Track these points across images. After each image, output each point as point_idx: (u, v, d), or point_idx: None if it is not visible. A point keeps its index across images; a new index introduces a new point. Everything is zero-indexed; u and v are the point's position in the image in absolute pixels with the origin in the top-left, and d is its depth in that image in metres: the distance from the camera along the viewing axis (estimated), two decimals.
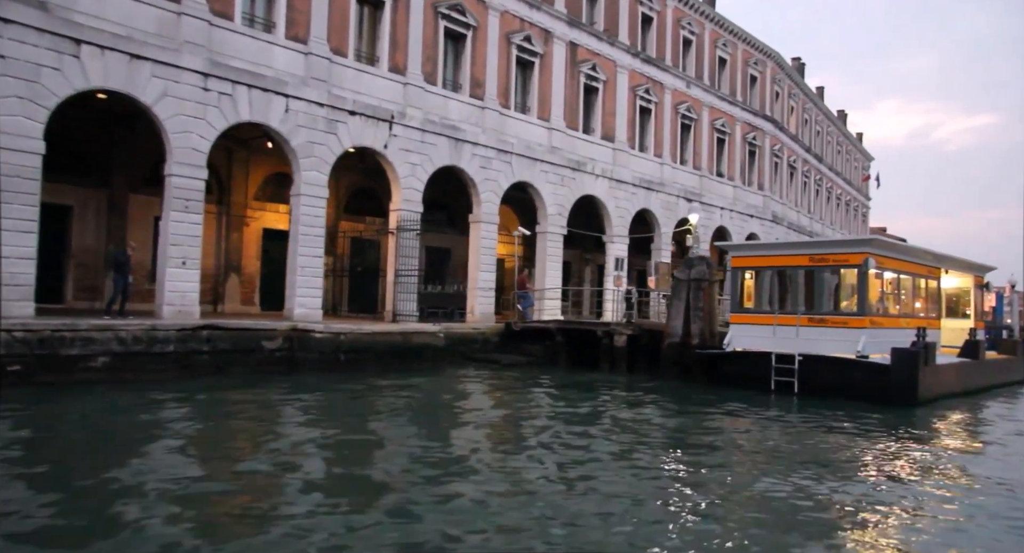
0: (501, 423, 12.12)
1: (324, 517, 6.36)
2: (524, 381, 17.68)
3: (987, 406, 16.25)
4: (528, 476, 8.06)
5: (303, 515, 6.35)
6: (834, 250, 16.12)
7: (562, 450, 9.63)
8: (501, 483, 7.75)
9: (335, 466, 8.39)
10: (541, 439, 10.40)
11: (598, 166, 27.35)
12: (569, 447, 9.84)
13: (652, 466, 9.00)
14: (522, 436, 10.81)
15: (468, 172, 22.47)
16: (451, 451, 9.43)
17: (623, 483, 7.98)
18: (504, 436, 10.95)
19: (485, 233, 23.11)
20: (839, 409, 14.13)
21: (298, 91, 17.91)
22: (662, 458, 9.60)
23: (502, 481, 7.84)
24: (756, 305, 17.64)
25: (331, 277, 23.81)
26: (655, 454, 9.84)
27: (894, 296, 17.30)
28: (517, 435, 10.94)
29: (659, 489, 7.83)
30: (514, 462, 8.83)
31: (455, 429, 11.34)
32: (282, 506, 6.71)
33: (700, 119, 33.22)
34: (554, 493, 7.42)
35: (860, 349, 15.35)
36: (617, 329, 20.39)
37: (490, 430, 11.37)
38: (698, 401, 15.14)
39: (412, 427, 11.20)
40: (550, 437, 10.54)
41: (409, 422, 11.72)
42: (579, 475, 8.26)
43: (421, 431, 10.78)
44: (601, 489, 7.65)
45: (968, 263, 20.70)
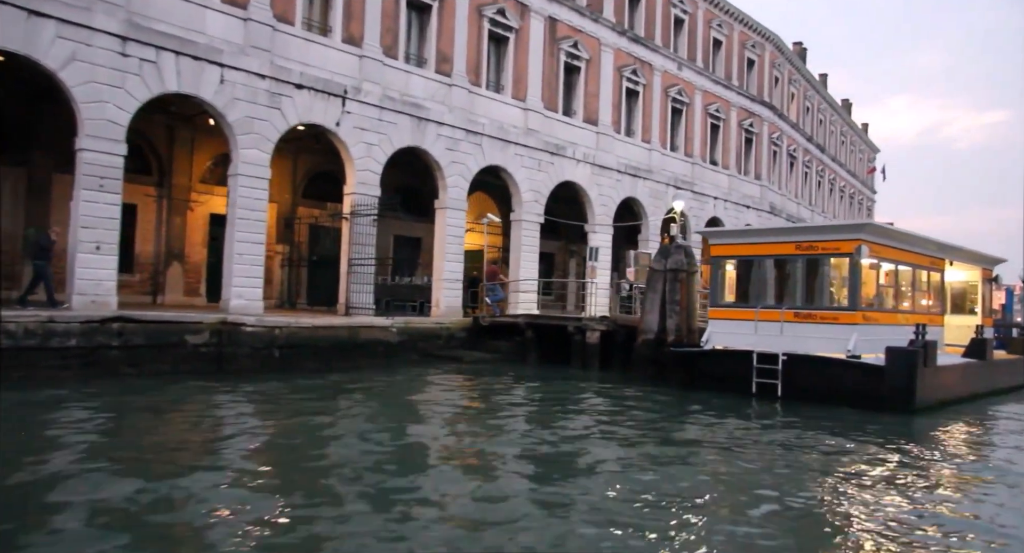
0: (401, 443, 10.45)
1: None
2: (479, 382, 16.03)
3: (995, 413, 14.52)
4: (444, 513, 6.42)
5: None
6: (823, 237, 14.39)
7: (468, 485, 7.98)
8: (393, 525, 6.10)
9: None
10: (441, 474, 8.74)
11: (579, 151, 25.63)
12: (487, 476, 8.18)
13: (583, 505, 7.34)
14: (419, 465, 9.15)
15: (432, 154, 20.80)
16: (325, 484, 7.77)
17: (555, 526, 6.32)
18: (397, 461, 9.30)
19: (452, 220, 21.44)
20: (826, 418, 12.43)
21: (235, 60, 16.25)
22: (593, 494, 7.93)
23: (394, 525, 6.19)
24: (737, 298, 15.93)
25: (287, 267, 22.24)
26: (584, 490, 8.17)
27: (891, 289, 15.57)
28: (414, 464, 9.27)
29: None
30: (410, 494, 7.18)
31: (341, 448, 9.69)
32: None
33: (692, 103, 31.43)
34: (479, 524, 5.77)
35: (851, 348, 13.63)
36: (589, 325, 18.71)
37: (386, 452, 9.71)
38: (667, 407, 13.46)
39: (305, 446, 9.55)
40: (451, 469, 8.88)
41: (306, 439, 10.07)
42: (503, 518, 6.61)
43: (311, 452, 9.13)
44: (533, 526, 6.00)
45: (976, 254, 18.93)
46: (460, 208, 21.63)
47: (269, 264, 21.77)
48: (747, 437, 10.79)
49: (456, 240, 21.56)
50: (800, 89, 42.08)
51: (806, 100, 43.40)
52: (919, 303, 16.87)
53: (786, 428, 11.74)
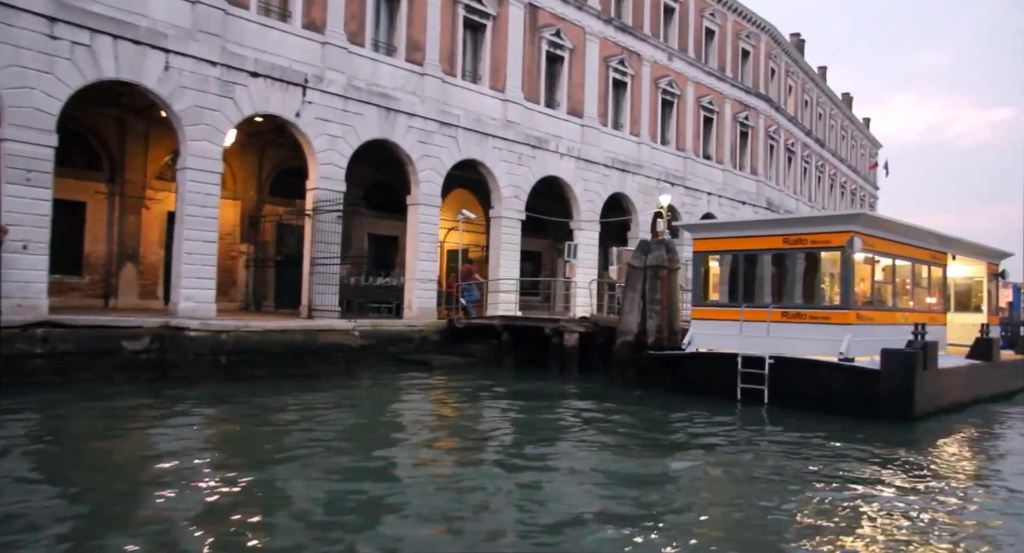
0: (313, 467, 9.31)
1: None
2: (444, 389, 14.90)
3: (1003, 421, 13.31)
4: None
5: None
6: (812, 229, 13.21)
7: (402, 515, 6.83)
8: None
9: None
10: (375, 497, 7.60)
11: (563, 144, 24.47)
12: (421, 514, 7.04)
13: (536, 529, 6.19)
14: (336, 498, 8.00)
15: (403, 147, 19.67)
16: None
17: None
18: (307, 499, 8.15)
19: (425, 217, 20.31)
20: (815, 428, 11.27)
21: (182, 46, 15.15)
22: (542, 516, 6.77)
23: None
24: (722, 297, 14.77)
25: (252, 268, 21.13)
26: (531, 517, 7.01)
27: (888, 286, 14.38)
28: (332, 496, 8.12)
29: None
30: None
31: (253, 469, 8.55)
32: None
33: (684, 95, 30.25)
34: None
35: (843, 350, 12.46)
36: (567, 326, 17.56)
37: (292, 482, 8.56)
38: (642, 417, 12.29)
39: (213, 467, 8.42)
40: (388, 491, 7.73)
41: (214, 458, 8.94)
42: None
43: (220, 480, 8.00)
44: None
45: (980, 248, 17.72)
46: (434, 204, 20.50)
47: (233, 265, 20.72)
48: (725, 452, 9.63)
49: (429, 238, 20.43)
50: (798, 82, 40.87)
51: (804, 93, 42.18)
52: (919, 301, 15.68)
53: (770, 440, 10.58)
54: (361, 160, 22.34)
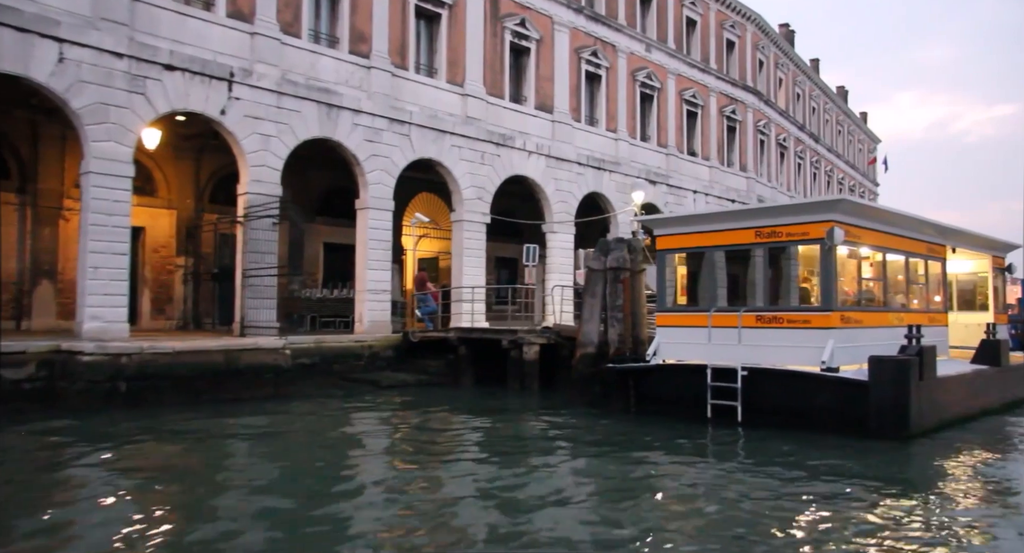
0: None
1: None
2: (383, 414, 13.18)
3: (1017, 436, 11.51)
4: None
5: None
6: (787, 219, 11.48)
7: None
8: None
9: None
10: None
11: (531, 141, 22.83)
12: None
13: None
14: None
15: (348, 146, 18.05)
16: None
17: None
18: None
19: (376, 222, 18.66)
20: (793, 451, 9.56)
21: (80, 35, 13.57)
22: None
23: None
24: (688, 301, 13.05)
25: (190, 283, 19.48)
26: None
27: (878, 283, 12.62)
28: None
29: None
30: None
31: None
32: None
33: (664, 88, 28.60)
34: None
35: (826, 359, 10.71)
36: (526, 338, 15.83)
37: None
38: (596, 441, 10.57)
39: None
40: None
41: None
42: None
43: None
44: None
45: (984, 239, 15.96)
46: (385, 208, 18.84)
47: (170, 279, 19.11)
48: (685, 487, 7.90)
49: (381, 245, 18.76)
50: (788, 74, 39.20)
51: (796, 86, 40.50)
52: (915, 299, 13.93)
53: (739, 467, 8.84)
54: (315, 163, 20.84)
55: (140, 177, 18.59)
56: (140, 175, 18.55)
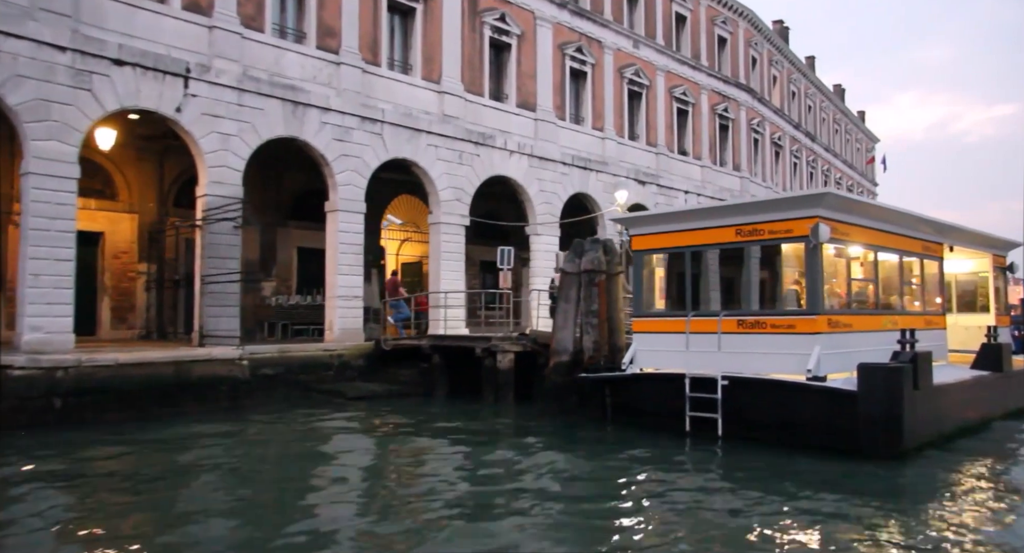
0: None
1: None
2: (342, 430, 12.30)
3: (1022, 447, 10.63)
4: None
5: None
6: (770, 216, 10.61)
7: None
8: None
9: None
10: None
11: (513, 140, 22.00)
12: None
13: None
14: None
15: (315, 146, 17.22)
16: None
17: None
18: None
19: (346, 225, 17.82)
20: (776, 468, 8.72)
21: (16, 26, 12.74)
22: None
23: None
24: (668, 305, 12.20)
25: (153, 290, 18.63)
26: None
27: (869, 284, 11.75)
28: None
29: None
30: None
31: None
32: None
33: (653, 86, 27.77)
34: None
35: (811, 367, 9.83)
36: (500, 345, 14.96)
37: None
38: (567, 458, 9.69)
39: None
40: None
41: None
42: None
43: None
44: None
45: (983, 236, 15.08)
46: (356, 211, 18.00)
47: (131, 287, 18.26)
48: (656, 510, 7.03)
49: (352, 248, 17.92)
50: (783, 72, 38.37)
51: (791, 84, 39.67)
52: (910, 301, 13.06)
53: (714, 486, 7.98)
54: (288, 165, 20.04)
55: (99, 180, 17.89)
56: (99, 178, 17.87)
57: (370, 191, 21.56)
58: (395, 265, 27.14)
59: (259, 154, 18.31)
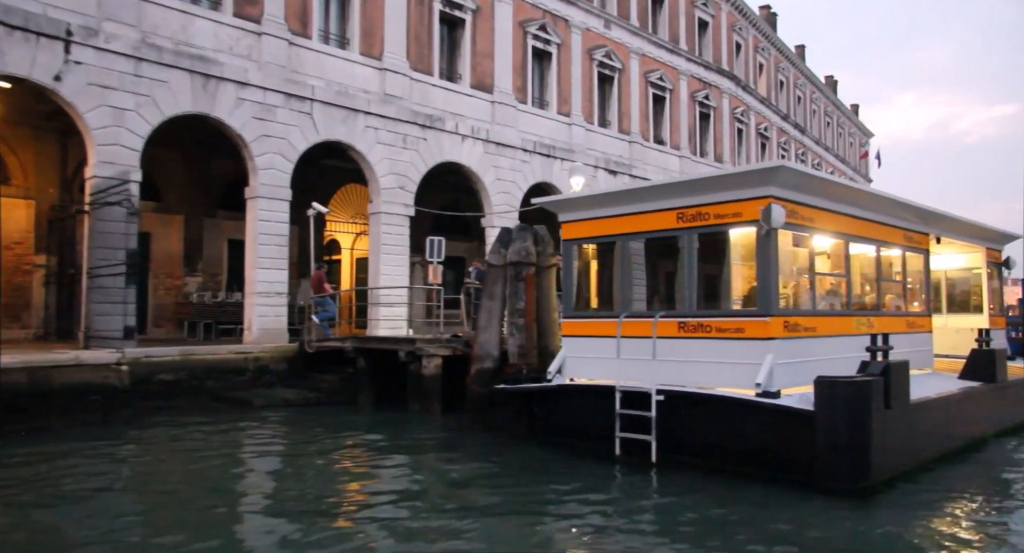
0: None
1: None
2: (234, 452, 10.45)
3: (1018, 478, 8.81)
4: None
5: None
6: (716, 196, 8.78)
7: None
8: None
9: None
10: None
11: (466, 124, 20.18)
12: None
13: None
14: None
15: (231, 124, 15.40)
16: None
17: None
18: None
19: (267, 213, 16.00)
20: (714, 507, 6.90)
21: None
22: None
23: None
24: (601, 304, 10.39)
25: (54, 284, 16.78)
26: None
27: (839, 280, 9.93)
28: None
29: None
30: None
31: None
32: None
33: (627, 69, 25.94)
34: None
35: (762, 380, 8.02)
36: (425, 349, 13.12)
37: None
38: (471, 488, 7.89)
39: None
40: None
41: None
42: None
43: None
44: None
45: (975, 227, 13.28)
46: (279, 198, 16.17)
47: (26, 282, 16.41)
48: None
49: (275, 240, 16.10)
50: (770, 60, 36.56)
51: (779, 73, 37.85)
52: (890, 300, 11.27)
53: (634, 532, 6.16)
54: (218, 150, 18.18)
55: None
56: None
57: (312, 179, 19.80)
58: (350, 261, 25.40)
59: (182, 136, 16.65)
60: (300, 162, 17.53)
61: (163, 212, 18.41)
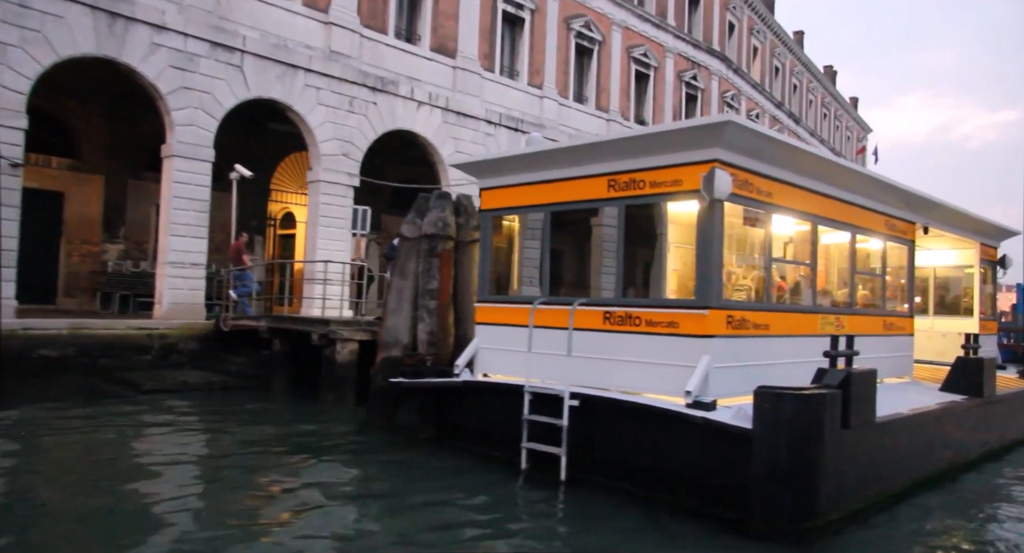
0: None
1: None
2: (71, 446, 8.88)
3: (1002, 519, 7.29)
4: None
5: None
6: (652, 161, 7.18)
7: None
8: None
9: None
10: None
11: (423, 89, 18.50)
12: None
13: None
14: None
15: (144, 73, 13.72)
16: None
17: None
18: None
19: (184, 175, 14.36)
20: (630, 539, 5.38)
21: None
22: None
23: None
24: (521, 287, 8.81)
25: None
26: None
27: (801, 268, 8.37)
28: None
29: None
30: None
31: None
32: None
33: (607, 42, 24.22)
34: None
35: (693, 387, 6.47)
36: (339, 331, 11.55)
37: None
38: (317, 520, 6.33)
39: None
40: None
41: None
42: None
43: None
44: None
45: (969, 219, 11.72)
46: (200, 158, 14.52)
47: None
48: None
49: (193, 204, 14.46)
50: (766, 44, 34.83)
51: (775, 58, 36.14)
52: (866, 297, 9.73)
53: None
54: (151, 108, 16.48)
55: None
56: None
57: (255, 144, 18.25)
58: (305, 235, 23.76)
59: (105, 88, 15.05)
60: (242, 125, 16.00)
61: (80, 171, 16.75)
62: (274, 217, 20.97)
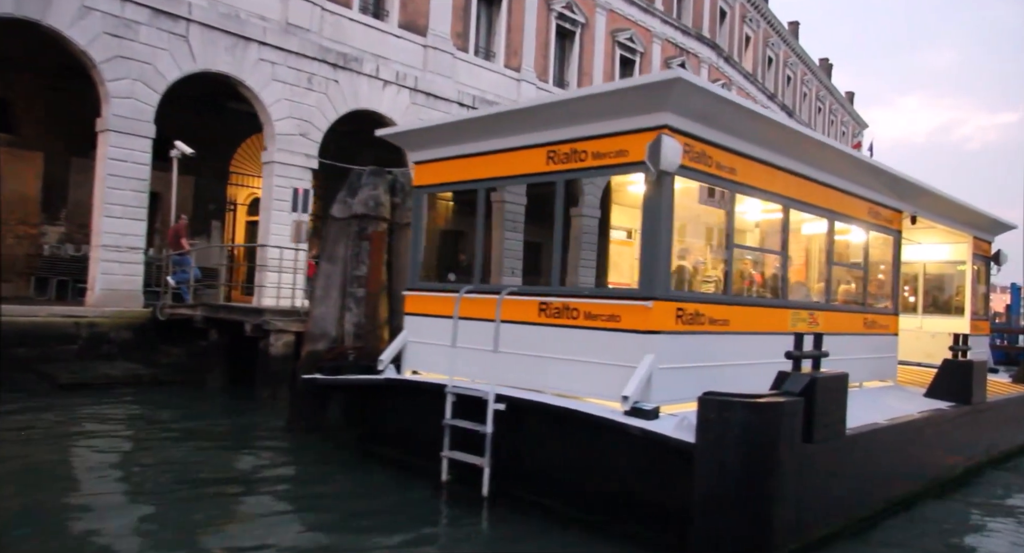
0: None
1: None
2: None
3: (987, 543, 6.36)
4: None
5: None
6: (594, 128, 6.20)
7: None
8: None
9: None
10: None
11: (390, 68, 17.48)
12: None
13: None
14: None
15: (74, 39, 12.69)
16: None
17: None
18: None
19: (118, 152, 13.40)
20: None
21: None
22: None
23: None
24: (447, 273, 7.85)
25: None
26: None
27: (769, 256, 7.42)
28: None
29: None
30: None
31: None
32: None
33: (590, 25, 23.20)
34: None
35: (631, 391, 5.50)
36: (272, 322, 10.58)
37: None
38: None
39: None
40: None
41: None
42: None
43: None
44: None
45: (964, 210, 10.77)
46: (139, 134, 13.52)
47: None
48: None
49: (130, 183, 13.47)
50: (759, 33, 33.83)
51: (768, 49, 35.14)
52: (845, 291, 8.79)
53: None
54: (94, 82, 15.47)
55: None
56: None
57: (214, 124, 17.26)
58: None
59: (48, 61, 14.05)
60: (197, 103, 14.98)
61: (17, 147, 15.70)
62: (235, 202, 19.96)
